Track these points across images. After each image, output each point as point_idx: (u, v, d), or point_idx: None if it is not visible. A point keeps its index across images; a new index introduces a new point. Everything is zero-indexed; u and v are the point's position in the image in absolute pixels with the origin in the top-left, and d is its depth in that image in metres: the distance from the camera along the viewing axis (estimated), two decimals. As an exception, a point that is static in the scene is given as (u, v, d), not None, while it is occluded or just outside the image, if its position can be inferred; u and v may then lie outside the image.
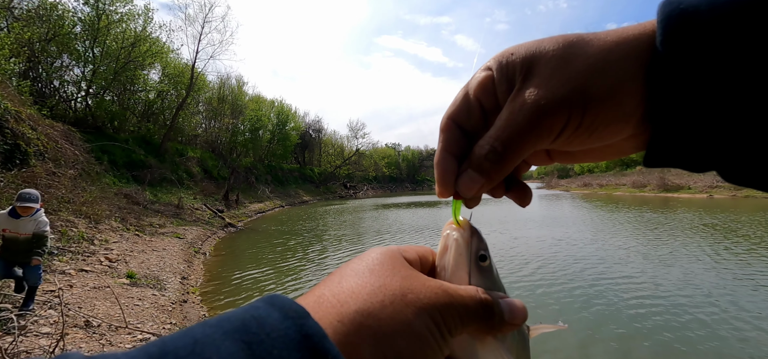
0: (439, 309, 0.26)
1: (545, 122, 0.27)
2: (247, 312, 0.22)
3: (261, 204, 20.08)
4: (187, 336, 0.19)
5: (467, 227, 0.34)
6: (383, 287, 0.25)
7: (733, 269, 6.35)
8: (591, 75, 0.26)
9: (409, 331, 0.24)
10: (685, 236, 9.59)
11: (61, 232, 6.22)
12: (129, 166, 13.47)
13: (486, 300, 0.29)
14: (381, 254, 0.29)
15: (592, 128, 0.27)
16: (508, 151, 0.28)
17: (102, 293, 4.46)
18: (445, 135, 0.32)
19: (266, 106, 31.35)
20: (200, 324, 0.21)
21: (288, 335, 0.20)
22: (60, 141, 9.94)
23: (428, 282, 0.27)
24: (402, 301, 0.25)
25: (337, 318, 0.23)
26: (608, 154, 0.31)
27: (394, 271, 0.27)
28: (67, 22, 14.26)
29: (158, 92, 18.91)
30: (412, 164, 64.12)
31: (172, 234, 9.11)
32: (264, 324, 0.21)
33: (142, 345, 0.19)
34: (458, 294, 0.28)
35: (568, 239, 9.46)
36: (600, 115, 0.26)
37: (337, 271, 0.29)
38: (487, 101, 0.30)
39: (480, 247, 0.34)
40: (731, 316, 4.38)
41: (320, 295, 0.25)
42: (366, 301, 0.24)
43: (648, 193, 28.07)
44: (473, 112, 0.31)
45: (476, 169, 0.30)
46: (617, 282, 5.79)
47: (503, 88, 0.29)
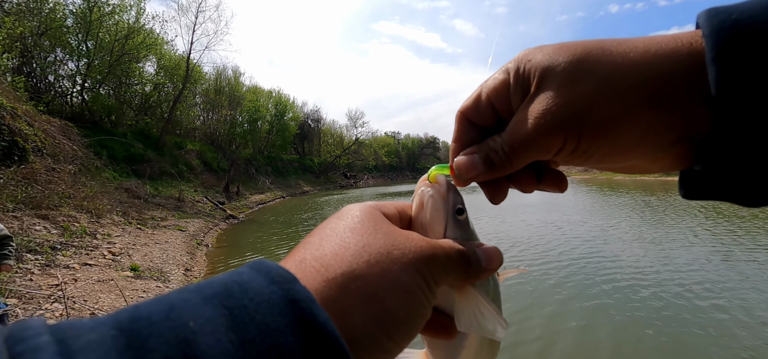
0: (424, 262, 0.26)
1: (543, 141, 0.27)
2: (230, 276, 0.21)
3: (262, 195, 20.11)
4: (162, 302, 0.18)
5: (444, 182, 0.34)
6: (367, 246, 0.25)
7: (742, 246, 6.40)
8: (592, 101, 0.25)
9: (397, 288, 0.23)
10: (686, 216, 9.62)
11: (64, 227, 6.24)
12: (128, 160, 13.44)
13: (465, 250, 0.30)
14: (360, 212, 0.29)
15: (588, 154, 0.27)
16: (513, 157, 0.29)
17: (106, 286, 4.50)
18: (456, 126, 0.34)
19: (264, 96, 31.10)
20: (179, 289, 0.20)
21: (273, 300, 0.19)
22: (58, 137, 9.90)
23: (411, 237, 0.27)
24: (388, 258, 0.24)
25: (323, 283, 0.22)
26: (631, 169, 0.30)
27: (376, 229, 0.27)
28: (58, 16, 14.05)
29: (154, 85, 18.74)
30: (411, 152, 63.98)
31: (174, 227, 9.15)
32: (247, 288, 0.20)
33: (115, 311, 0.18)
34: (440, 246, 0.28)
35: (568, 222, 9.49)
36: (595, 144, 0.26)
37: (315, 232, 0.28)
38: (499, 104, 0.31)
39: (457, 201, 0.34)
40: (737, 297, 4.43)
41: (301, 259, 0.24)
42: (351, 262, 0.23)
43: (648, 177, 28.04)
44: (484, 112, 0.31)
45: (483, 158, 0.31)
46: (615, 266, 5.84)
47: (517, 96, 0.29)
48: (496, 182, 0.33)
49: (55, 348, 0.15)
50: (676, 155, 0.26)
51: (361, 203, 0.31)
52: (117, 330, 0.16)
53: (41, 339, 0.15)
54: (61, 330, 0.16)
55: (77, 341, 0.15)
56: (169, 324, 0.17)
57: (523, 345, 3.48)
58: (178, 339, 0.16)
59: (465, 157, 0.32)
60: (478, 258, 0.30)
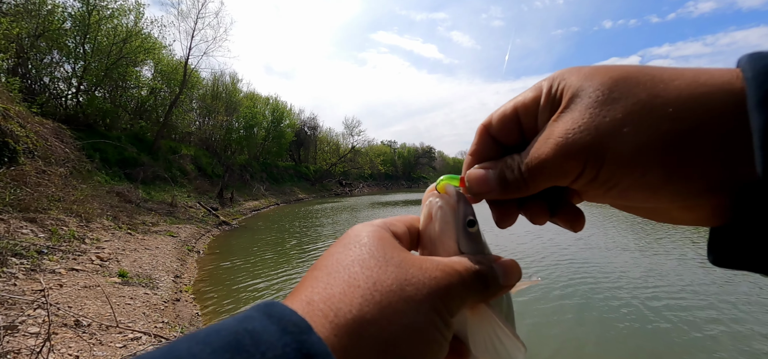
0: (440, 296, 0.24)
1: (560, 164, 0.25)
2: (240, 324, 0.19)
3: (256, 202, 19.95)
4: (170, 354, 0.17)
5: (453, 192, 0.32)
6: (378, 284, 0.23)
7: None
8: (620, 126, 0.22)
9: (412, 332, 0.21)
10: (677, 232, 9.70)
11: (52, 231, 6.12)
12: (121, 164, 13.31)
13: (482, 270, 0.27)
14: (369, 238, 0.26)
15: (609, 186, 0.24)
16: (529, 178, 0.27)
17: (93, 292, 4.40)
18: (476, 139, 0.32)
19: (261, 103, 31.11)
20: (187, 337, 0.18)
21: (286, 354, 0.18)
22: (50, 139, 9.78)
23: (425, 266, 0.25)
24: (401, 298, 0.22)
25: (333, 330, 0.20)
26: (659, 216, 0.27)
27: (387, 260, 0.24)
28: (56, 18, 14.02)
29: (151, 89, 18.68)
30: (408, 162, 64.11)
31: (165, 233, 9.03)
32: (259, 340, 0.18)
33: None
34: (455, 272, 0.26)
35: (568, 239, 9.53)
36: (617, 176, 0.23)
37: (321, 264, 0.25)
38: (526, 121, 0.29)
39: (467, 212, 0.31)
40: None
41: (309, 301, 0.22)
42: (362, 306, 0.21)
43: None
44: (508, 127, 0.29)
45: (497, 175, 0.29)
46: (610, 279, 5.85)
47: (546, 114, 0.27)
48: (506, 205, 0.31)
49: None
50: (710, 207, 0.23)
51: (369, 225, 0.29)
52: None
53: None
54: None
55: None
56: None
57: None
58: None
59: (479, 171, 0.30)
60: (495, 275, 0.28)
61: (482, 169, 0.30)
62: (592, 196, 0.28)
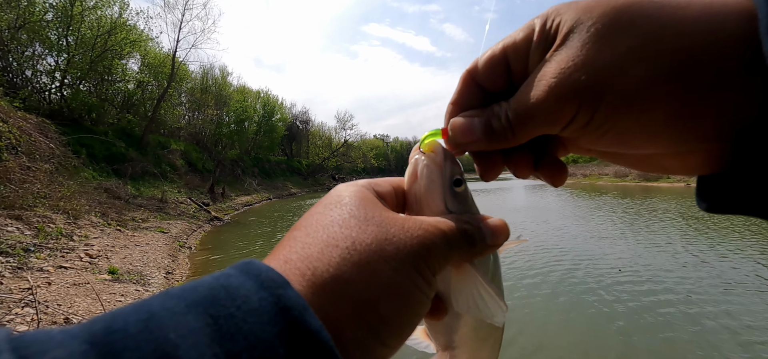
0: (421, 254, 0.23)
1: (552, 108, 0.23)
2: (217, 279, 0.19)
3: (248, 197, 19.80)
4: (142, 310, 0.17)
5: (439, 150, 0.30)
6: (356, 243, 0.22)
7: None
8: (622, 62, 0.20)
9: (391, 291, 0.21)
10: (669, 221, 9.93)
11: (38, 228, 6.00)
12: (109, 159, 13.04)
13: (468, 228, 0.26)
14: (350, 199, 0.26)
15: (603, 130, 0.23)
16: (516, 126, 0.25)
17: (82, 290, 4.34)
18: (459, 86, 0.29)
19: (252, 97, 30.71)
20: (162, 293, 0.18)
21: (262, 307, 0.17)
22: (34, 134, 9.53)
23: (406, 225, 0.24)
24: (379, 256, 0.21)
25: (310, 288, 0.20)
26: (648, 165, 0.26)
27: (367, 219, 0.24)
28: (37, 9, 13.57)
29: (138, 83, 18.27)
30: (400, 156, 64.14)
31: (155, 229, 8.91)
32: (235, 294, 0.18)
33: (88, 321, 0.16)
34: (439, 230, 0.25)
35: (559, 228, 9.67)
36: (613, 118, 0.22)
37: (301, 223, 0.25)
38: (516, 63, 0.26)
39: (454, 171, 0.30)
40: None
41: (287, 259, 0.21)
42: (340, 265, 0.21)
43: (629, 182, 28.86)
44: (496, 71, 0.27)
45: (483, 124, 0.27)
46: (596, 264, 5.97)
47: (538, 54, 0.24)
48: (491, 156, 0.29)
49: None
50: (705, 154, 0.22)
51: (352, 185, 0.28)
52: (89, 343, 0.15)
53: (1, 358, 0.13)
54: (26, 344, 0.14)
55: (42, 357, 0.14)
56: (147, 335, 0.15)
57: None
58: (157, 353, 0.15)
59: (463, 119, 0.28)
60: (482, 234, 0.27)
61: (466, 117, 0.28)
62: (582, 145, 0.27)
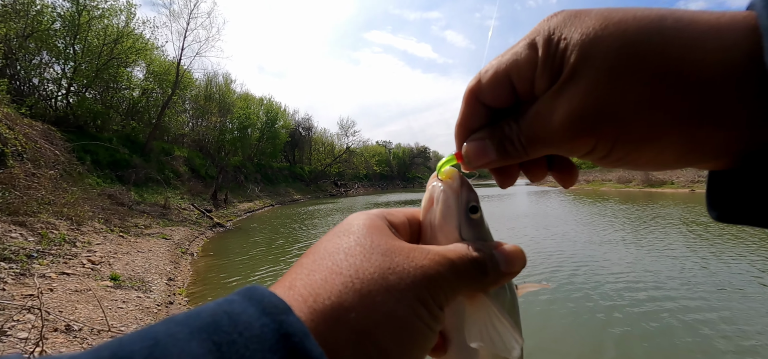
0: (426, 285, 0.23)
1: (568, 142, 0.24)
2: (220, 306, 0.19)
3: (250, 203, 19.83)
4: (147, 336, 0.17)
5: (456, 177, 0.31)
6: (359, 272, 0.22)
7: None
8: (640, 105, 0.21)
9: (392, 322, 0.21)
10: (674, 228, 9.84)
11: (42, 234, 6.03)
12: (113, 166, 13.14)
13: (479, 257, 0.26)
14: (359, 228, 0.26)
15: (617, 160, 0.24)
16: (530, 150, 0.26)
17: (84, 296, 4.34)
18: (463, 107, 0.29)
19: (255, 104, 30.95)
20: (166, 320, 0.18)
21: (264, 334, 0.18)
22: (39, 141, 9.63)
23: (412, 254, 0.24)
24: (381, 287, 0.21)
25: (310, 314, 0.20)
26: (660, 170, 0.27)
27: (372, 248, 0.24)
28: (46, 18, 13.80)
29: (143, 90, 18.48)
30: (402, 162, 64.19)
31: (158, 235, 8.93)
32: (237, 321, 0.18)
33: (94, 347, 0.16)
34: (446, 260, 0.24)
35: (564, 235, 9.60)
36: (631, 155, 0.23)
37: (310, 252, 0.25)
38: (520, 83, 0.26)
39: (470, 197, 0.30)
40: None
41: (291, 286, 0.22)
42: (341, 293, 0.21)
43: (633, 188, 28.69)
44: (499, 91, 0.27)
45: (496, 146, 0.27)
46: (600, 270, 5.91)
47: (545, 79, 0.24)
48: (507, 168, 0.30)
49: None
50: (719, 164, 0.23)
51: (364, 215, 0.28)
52: None
53: None
54: None
55: None
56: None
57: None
58: None
59: (475, 143, 0.28)
60: (496, 262, 0.26)
61: (479, 140, 0.28)
62: (594, 161, 0.27)
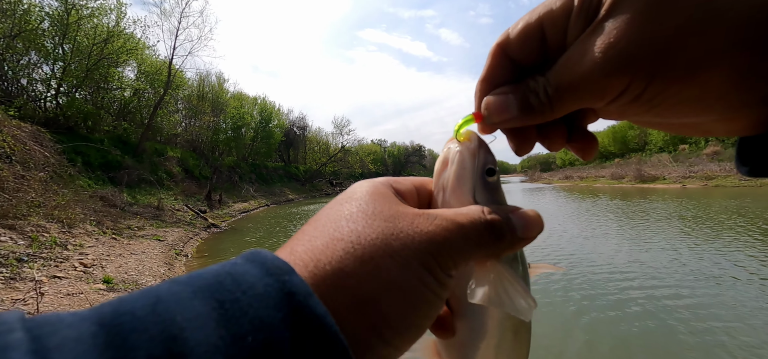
0: (431, 251, 0.22)
1: (601, 83, 0.22)
2: (223, 267, 0.19)
3: (245, 203, 19.72)
4: (149, 294, 0.17)
5: (474, 138, 0.29)
6: (361, 237, 0.21)
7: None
8: (681, 34, 0.19)
9: (395, 289, 0.20)
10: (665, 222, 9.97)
11: (32, 238, 5.94)
12: (105, 167, 12.98)
13: (494, 220, 0.24)
14: (362, 194, 0.25)
15: (653, 103, 0.22)
16: (556, 101, 0.24)
17: (76, 299, 4.28)
18: (489, 61, 0.27)
19: (249, 103, 30.74)
20: (169, 280, 0.18)
21: (267, 293, 0.18)
22: (29, 143, 9.47)
23: (418, 220, 0.23)
24: (384, 252, 0.21)
25: (311, 280, 0.20)
26: (689, 129, 0.25)
27: (375, 214, 0.23)
28: (33, 17, 13.55)
29: (134, 90, 18.25)
30: (398, 160, 64.25)
31: (151, 237, 8.85)
32: (240, 280, 0.18)
33: (98, 305, 0.16)
34: (456, 224, 0.23)
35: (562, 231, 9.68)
36: (669, 92, 0.21)
37: (313, 219, 0.25)
38: (553, 34, 0.24)
39: (488, 160, 0.29)
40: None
41: (292, 251, 0.22)
42: (342, 258, 0.20)
43: (626, 184, 29.00)
44: (530, 43, 0.25)
45: (519, 100, 0.25)
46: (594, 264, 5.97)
47: (579, 25, 0.23)
48: (525, 131, 0.28)
49: (27, 345, 0.14)
50: (756, 116, 0.21)
51: (368, 182, 0.27)
52: (98, 325, 0.15)
53: (14, 336, 0.14)
54: (37, 325, 0.15)
55: (53, 338, 0.14)
56: (155, 318, 0.16)
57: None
58: (164, 335, 0.15)
59: (497, 97, 0.26)
60: (513, 227, 0.25)
61: (500, 95, 0.26)
62: (621, 114, 0.25)
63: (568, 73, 0.23)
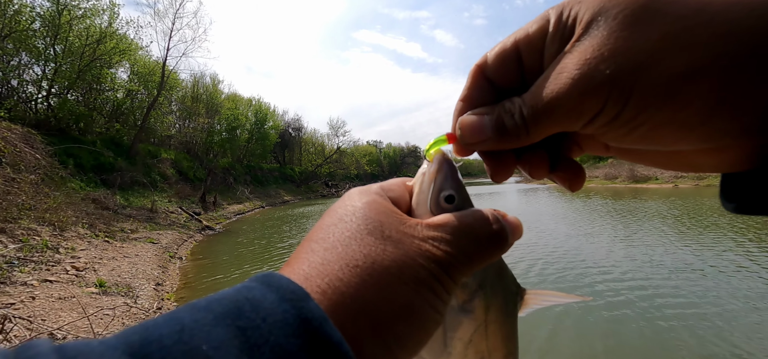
0: (438, 275, 0.23)
1: (575, 102, 0.21)
2: (239, 293, 0.20)
3: (240, 205, 19.59)
4: (173, 321, 0.17)
5: (436, 161, 0.28)
6: (376, 263, 0.22)
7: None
8: (657, 50, 0.19)
9: (410, 313, 0.21)
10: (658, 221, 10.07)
11: (23, 241, 5.84)
12: (97, 169, 12.82)
13: (498, 229, 0.26)
14: (365, 211, 0.25)
15: (632, 125, 0.21)
16: (531, 123, 0.23)
17: (68, 303, 4.22)
18: (468, 82, 0.27)
19: (243, 105, 30.57)
20: (188, 305, 0.19)
21: (286, 320, 0.18)
22: (19, 145, 9.33)
23: (425, 245, 0.24)
24: (399, 280, 0.22)
25: (332, 307, 0.20)
26: (675, 163, 0.24)
27: (385, 238, 0.23)
28: (24, 18, 13.37)
29: (127, 92, 18.06)
30: (393, 162, 64.31)
31: (145, 239, 8.75)
32: (259, 307, 0.19)
33: (123, 332, 0.17)
34: (457, 247, 0.24)
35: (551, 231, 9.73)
36: (647, 112, 0.20)
37: (317, 236, 0.25)
38: (529, 57, 0.24)
39: (445, 186, 0.28)
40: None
41: (307, 276, 0.22)
42: (359, 286, 0.21)
43: (619, 184, 29.28)
44: (507, 66, 0.25)
45: (494, 122, 0.25)
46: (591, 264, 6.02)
47: (554, 47, 0.23)
48: (502, 156, 0.27)
49: None
50: (742, 148, 0.20)
51: (365, 193, 0.27)
52: (128, 355, 0.15)
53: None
54: (70, 355, 0.15)
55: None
56: (182, 347, 0.16)
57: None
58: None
59: (472, 117, 0.26)
60: (506, 234, 0.26)
61: (476, 115, 0.26)
62: (601, 142, 0.25)
63: (543, 94, 0.23)
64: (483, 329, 0.28)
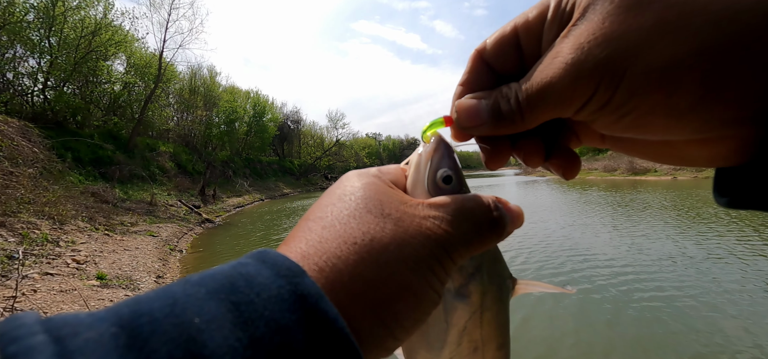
0: (438, 255, 0.23)
1: (567, 87, 0.21)
2: (234, 268, 0.19)
3: (240, 198, 19.60)
4: (165, 295, 0.17)
5: (434, 141, 0.28)
6: (375, 242, 0.22)
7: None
8: (649, 35, 0.19)
9: (408, 291, 0.21)
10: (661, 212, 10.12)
11: (23, 235, 5.85)
12: (95, 163, 12.79)
13: (496, 217, 0.25)
14: (364, 190, 0.25)
15: (622, 112, 0.21)
16: (526, 109, 0.24)
17: (69, 296, 4.24)
18: (468, 66, 0.27)
19: (242, 97, 30.41)
20: (181, 280, 0.18)
21: (281, 295, 0.18)
22: (16, 138, 9.29)
23: (425, 223, 0.23)
24: (398, 257, 0.22)
25: (329, 285, 0.20)
26: (668, 155, 0.24)
27: (384, 216, 0.23)
28: (18, 9, 13.20)
29: (124, 84, 17.93)
30: (393, 154, 64.29)
31: (145, 232, 8.77)
32: (253, 282, 0.18)
33: (114, 305, 0.16)
34: (458, 230, 0.24)
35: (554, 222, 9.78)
36: (637, 98, 0.20)
37: (316, 215, 0.24)
38: (527, 42, 0.24)
39: (442, 164, 0.27)
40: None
41: (304, 254, 0.21)
42: (357, 263, 0.21)
43: (618, 176, 29.35)
44: (506, 51, 0.25)
45: (490, 106, 0.25)
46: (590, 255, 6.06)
47: (552, 32, 0.23)
48: (497, 142, 0.27)
49: (52, 348, 0.14)
50: (736, 140, 0.20)
51: (364, 175, 0.27)
52: (117, 327, 0.15)
53: (36, 339, 0.14)
54: (57, 327, 0.15)
55: (75, 340, 0.14)
56: (173, 320, 0.16)
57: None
58: (183, 337, 0.15)
59: (469, 101, 0.26)
60: (505, 221, 0.25)
61: (473, 99, 0.26)
62: (596, 131, 0.25)
63: (538, 78, 0.23)
64: (478, 316, 0.28)
